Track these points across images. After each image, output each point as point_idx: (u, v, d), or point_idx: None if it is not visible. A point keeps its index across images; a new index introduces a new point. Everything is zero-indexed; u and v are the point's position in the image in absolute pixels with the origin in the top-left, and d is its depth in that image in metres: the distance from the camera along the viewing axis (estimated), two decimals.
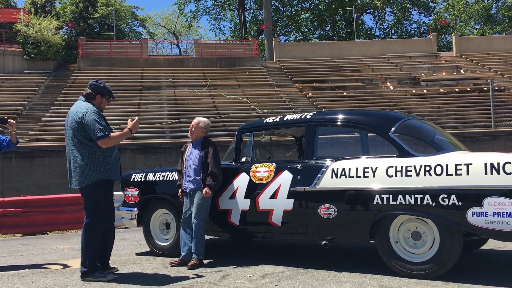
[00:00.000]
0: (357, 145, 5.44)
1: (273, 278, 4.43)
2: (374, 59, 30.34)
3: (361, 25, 47.45)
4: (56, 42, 27.31)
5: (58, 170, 15.62)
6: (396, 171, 4.32)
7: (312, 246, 6.22)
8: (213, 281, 4.40)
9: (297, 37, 47.73)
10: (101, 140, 4.49)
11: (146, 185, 6.02)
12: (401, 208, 4.27)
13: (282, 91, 24.90)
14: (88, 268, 4.53)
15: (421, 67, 28.63)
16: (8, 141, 5.65)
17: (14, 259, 6.17)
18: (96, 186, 4.55)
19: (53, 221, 9.68)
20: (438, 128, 5.40)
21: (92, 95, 4.73)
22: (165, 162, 16.10)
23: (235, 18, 48.46)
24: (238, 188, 5.27)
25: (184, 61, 29.83)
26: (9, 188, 15.09)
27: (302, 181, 4.82)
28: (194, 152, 5.34)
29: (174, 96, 23.85)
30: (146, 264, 5.39)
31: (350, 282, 4.16)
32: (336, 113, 5.23)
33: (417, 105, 22.62)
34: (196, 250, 5.11)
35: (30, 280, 4.69)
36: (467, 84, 25.46)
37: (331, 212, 4.63)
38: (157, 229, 6.05)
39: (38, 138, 17.96)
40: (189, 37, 51.99)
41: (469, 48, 31.42)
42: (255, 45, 31.24)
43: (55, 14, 32.49)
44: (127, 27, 43.93)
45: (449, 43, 42.92)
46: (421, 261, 4.24)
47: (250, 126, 5.76)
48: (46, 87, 24.46)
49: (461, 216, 3.99)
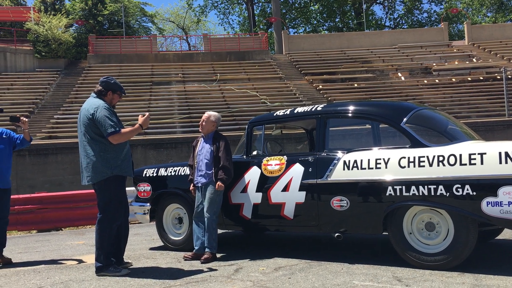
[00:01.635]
0: (368, 136, 5.40)
1: (286, 271, 4.42)
2: (385, 49, 30.10)
3: (371, 16, 47.01)
4: (66, 40, 27.51)
5: (71, 167, 15.79)
6: (408, 161, 4.28)
7: (324, 238, 6.21)
8: (226, 274, 4.41)
9: (306, 29, 47.49)
10: (112, 136, 4.51)
11: (158, 180, 6.04)
12: (414, 199, 4.23)
13: (292, 84, 24.82)
14: (103, 263, 4.57)
15: (433, 57, 28.33)
16: (22, 139, 5.71)
17: (30, 255, 6.24)
18: (108, 182, 4.57)
19: (68, 217, 9.78)
20: (451, 118, 5.33)
21: (103, 91, 4.75)
22: (177, 157, 16.17)
23: (243, 11, 48.32)
24: (250, 181, 5.27)
25: (194, 56, 29.87)
26: (23, 186, 15.28)
27: (313, 174, 4.80)
28: (205, 147, 5.34)
29: (184, 91, 23.91)
30: (160, 259, 5.42)
31: (364, 274, 4.14)
32: (347, 104, 5.19)
33: (429, 95, 22.41)
34: (209, 244, 5.13)
35: (46, 276, 4.74)
36: (479, 73, 25.15)
37: (343, 204, 4.61)
38: (170, 223, 6.07)
39: (51, 136, 18.14)
40: (198, 32, 52.03)
41: (481, 36, 31.00)
42: (264, 38, 31.15)
43: (65, 12, 32.70)
44: (136, 23, 44.09)
45: (461, 32, 42.41)
46: (436, 252, 4.20)
47: (260, 119, 5.74)
48: (57, 85, 24.66)
49: (476, 206, 3.94)
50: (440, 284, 3.71)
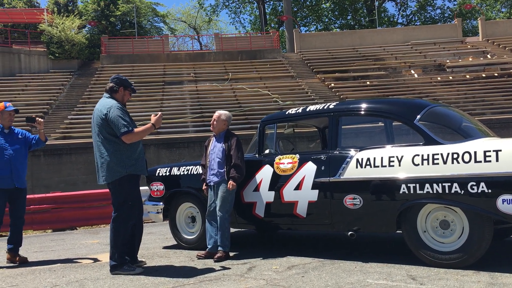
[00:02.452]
0: (381, 134, 5.36)
1: (299, 270, 4.42)
2: (397, 47, 29.85)
3: (383, 13, 46.65)
4: (80, 41, 27.76)
5: (85, 167, 15.95)
6: (422, 159, 4.24)
7: (338, 237, 6.19)
8: (239, 273, 4.41)
9: (318, 27, 47.29)
10: (126, 135, 4.54)
11: (171, 179, 6.07)
12: (428, 197, 4.20)
13: (304, 82, 24.75)
14: (117, 261, 4.60)
15: (446, 54, 28.03)
16: (37, 139, 5.78)
17: (45, 254, 6.32)
18: (123, 181, 4.61)
19: (82, 216, 9.88)
20: (466, 115, 5.27)
21: (115, 87, 4.79)
22: (189, 156, 16.24)
23: (255, 10, 48.30)
24: (262, 180, 5.26)
25: (205, 55, 29.93)
26: (38, 186, 15.47)
27: (326, 172, 4.78)
28: (217, 145, 5.35)
29: (196, 90, 23.98)
30: (173, 257, 5.45)
31: (378, 273, 4.12)
32: (359, 102, 5.16)
33: (442, 92, 22.18)
34: (222, 242, 5.14)
35: (61, 275, 4.79)
36: (494, 69, 24.82)
37: (356, 203, 4.58)
38: (183, 222, 6.10)
39: (65, 136, 18.32)
40: (210, 32, 52.13)
41: (495, 32, 30.59)
42: (275, 37, 31.11)
43: (78, 13, 33.00)
44: (148, 24, 44.32)
45: (475, 28, 41.87)
46: (450, 251, 4.16)
47: (272, 118, 5.73)
48: (71, 86, 24.91)
49: (491, 204, 3.89)
50: (455, 282, 3.67)
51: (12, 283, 4.52)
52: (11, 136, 5.61)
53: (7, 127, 5.62)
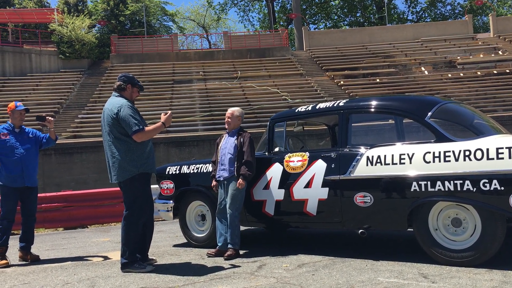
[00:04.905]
0: (392, 131, 5.32)
1: (310, 268, 4.40)
2: (407, 43, 29.65)
3: (393, 10, 46.34)
4: (89, 40, 27.92)
5: (95, 166, 16.04)
6: (434, 156, 4.21)
7: (348, 235, 6.16)
8: (249, 271, 4.41)
9: (327, 25, 47.14)
10: (136, 134, 4.56)
11: (181, 177, 6.08)
12: (440, 195, 4.16)
13: (313, 80, 24.67)
14: (128, 259, 4.62)
15: (457, 50, 27.78)
16: (48, 138, 5.81)
17: (57, 252, 6.37)
18: (134, 179, 4.63)
19: (93, 215, 9.94)
20: (477, 112, 5.21)
21: (123, 85, 4.81)
22: (199, 154, 16.26)
23: (263, 8, 48.26)
24: (272, 178, 5.25)
25: (214, 54, 29.96)
26: (50, 184, 15.59)
27: (336, 170, 4.75)
28: (229, 141, 5.35)
29: (205, 89, 24.01)
30: (184, 255, 5.46)
31: (389, 271, 4.09)
32: (369, 99, 5.12)
33: (453, 89, 22.00)
34: (232, 240, 5.14)
35: (73, 272, 4.82)
36: (506, 66, 24.55)
37: (367, 200, 4.55)
38: (193, 220, 6.11)
39: (76, 135, 18.44)
40: (218, 30, 52.21)
41: (507, 28, 30.26)
42: (284, 35, 31.03)
43: (87, 13, 33.20)
44: (157, 23, 44.47)
45: (486, 24, 41.47)
46: (462, 248, 4.12)
47: (282, 116, 5.72)
48: (81, 85, 25.07)
49: (504, 201, 3.85)
50: (468, 280, 3.64)
51: (24, 280, 4.56)
52: (22, 135, 5.66)
53: (18, 126, 5.66)
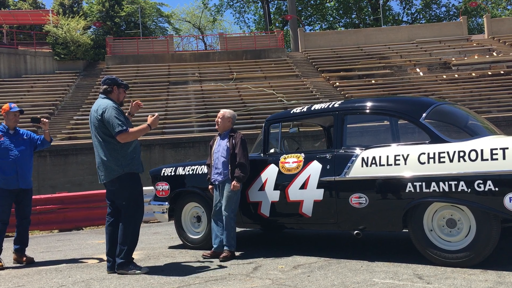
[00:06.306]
0: (387, 132, 5.32)
1: (305, 269, 4.40)
2: (402, 45, 29.74)
3: (388, 11, 46.50)
4: (85, 42, 27.85)
5: (90, 167, 15.99)
6: (428, 157, 4.22)
7: (344, 236, 6.16)
8: (245, 272, 4.41)
9: (323, 26, 47.19)
10: (120, 135, 4.57)
11: (176, 179, 6.07)
12: (434, 196, 4.17)
13: (308, 81, 24.71)
14: (124, 259, 4.63)
15: (452, 52, 27.89)
16: (42, 140, 5.80)
17: (51, 255, 6.34)
18: (123, 180, 4.67)
19: (88, 216, 9.91)
20: (472, 113, 5.23)
21: (109, 88, 4.82)
22: (194, 156, 16.26)
23: (259, 10, 48.30)
24: (267, 179, 5.25)
25: (210, 55, 29.94)
26: (45, 186, 15.54)
27: (331, 171, 4.76)
28: (221, 144, 5.35)
29: (201, 90, 23.99)
30: (179, 257, 5.45)
31: (384, 272, 4.10)
32: (364, 101, 5.13)
33: (448, 90, 22.08)
34: (227, 242, 5.14)
35: (68, 275, 4.80)
36: (500, 67, 24.68)
37: (362, 201, 4.56)
38: (189, 222, 6.10)
39: (71, 137, 18.38)
40: (214, 31, 52.15)
41: (501, 30, 30.41)
42: (280, 36, 31.07)
43: (83, 14, 33.13)
44: (153, 24, 44.39)
45: (480, 26, 41.66)
46: (457, 249, 4.13)
47: (277, 117, 5.72)
48: (76, 86, 25.00)
49: (498, 202, 3.86)
50: (462, 281, 3.65)
51: (19, 283, 4.53)
52: (16, 137, 5.63)
53: (12, 128, 5.64)
